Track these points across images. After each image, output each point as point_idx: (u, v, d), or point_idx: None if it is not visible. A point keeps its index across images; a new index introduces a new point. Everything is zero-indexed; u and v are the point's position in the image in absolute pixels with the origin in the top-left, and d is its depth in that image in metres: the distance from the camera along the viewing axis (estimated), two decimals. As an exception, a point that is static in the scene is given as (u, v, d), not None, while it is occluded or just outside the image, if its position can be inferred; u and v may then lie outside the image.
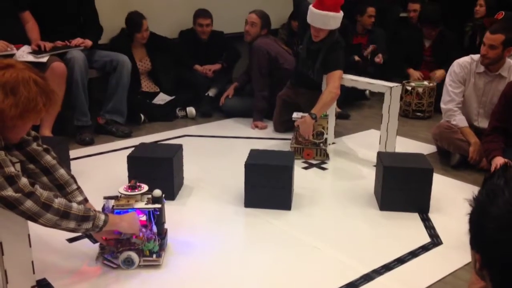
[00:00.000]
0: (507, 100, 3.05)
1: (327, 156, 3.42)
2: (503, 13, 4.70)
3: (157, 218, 2.12)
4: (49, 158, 2.04)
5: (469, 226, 1.08)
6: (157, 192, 2.14)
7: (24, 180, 1.73)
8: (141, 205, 2.13)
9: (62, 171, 2.06)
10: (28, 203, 1.71)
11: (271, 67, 4.15)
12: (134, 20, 4.20)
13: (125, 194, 2.16)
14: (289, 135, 3.70)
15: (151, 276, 2.10)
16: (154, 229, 2.12)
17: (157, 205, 2.12)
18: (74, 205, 1.84)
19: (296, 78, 3.94)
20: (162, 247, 2.17)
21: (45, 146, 2.06)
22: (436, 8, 4.82)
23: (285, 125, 3.97)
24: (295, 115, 3.50)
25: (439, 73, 4.69)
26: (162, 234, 2.18)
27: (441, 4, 4.96)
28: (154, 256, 2.13)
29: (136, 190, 2.17)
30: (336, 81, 3.44)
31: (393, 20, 5.79)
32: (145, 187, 2.20)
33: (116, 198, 2.16)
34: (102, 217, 1.91)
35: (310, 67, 3.65)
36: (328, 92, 3.41)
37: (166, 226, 2.24)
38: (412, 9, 5.46)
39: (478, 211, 1.02)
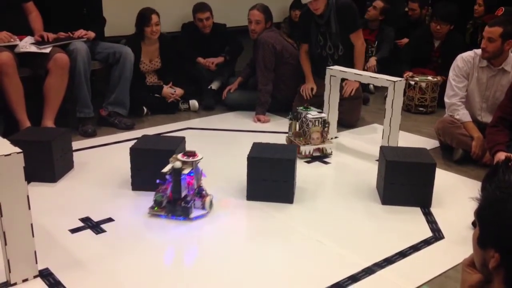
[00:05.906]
0: None
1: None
2: (503, 9, 4.68)
3: (173, 184, 2.44)
4: None
5: (480, 226, 1.05)
6: (177, 164, 2.42)
7: None
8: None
9: None
10: None
11: (276, 61, 4.14)
12: (144, 14, 4.13)
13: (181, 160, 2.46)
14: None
15: (153, 267, 2.11)
16: (168, 191, 2.46)
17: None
18: None
19: (317, 69, 4.07)
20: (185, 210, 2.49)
21: None
22: (451, 8, 4.74)
23: None
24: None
25: None
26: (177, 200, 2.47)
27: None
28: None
29: (191, 158, 2.49)
30: (360, 38, 4.04)
31: (398, 15, 5.75)
32: (198, 156, 2.52)
33: None
34: None
35: (331, 46, 4.01)
36: (359, 50, 4.01)
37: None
38: (411, 7, 5.44)
39: (494, 210, 0.99)
